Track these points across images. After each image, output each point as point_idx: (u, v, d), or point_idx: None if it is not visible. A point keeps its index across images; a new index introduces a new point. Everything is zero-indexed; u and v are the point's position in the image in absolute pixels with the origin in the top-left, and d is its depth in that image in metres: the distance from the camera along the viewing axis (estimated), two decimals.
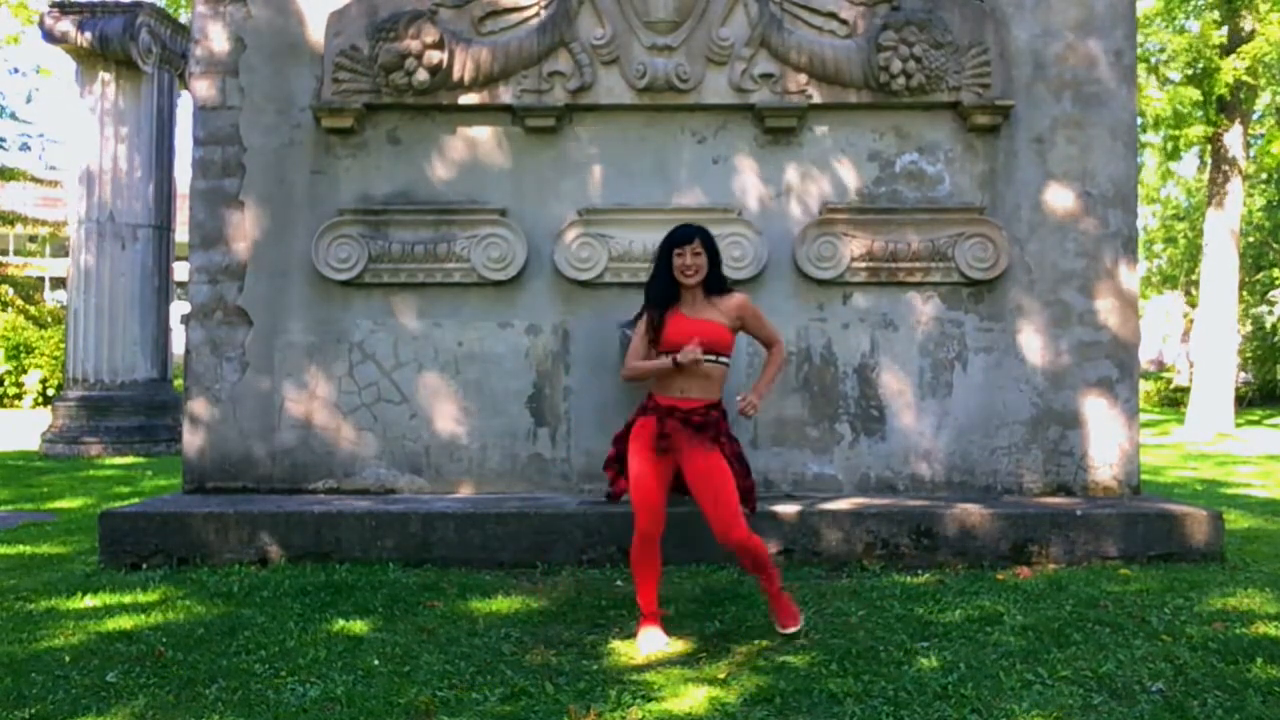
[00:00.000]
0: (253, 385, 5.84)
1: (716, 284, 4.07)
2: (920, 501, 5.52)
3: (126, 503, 6.76)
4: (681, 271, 3.95)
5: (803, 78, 5.78)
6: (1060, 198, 5.87)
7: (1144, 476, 6.63)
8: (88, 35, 10.80)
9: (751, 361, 5.81)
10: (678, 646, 3.80)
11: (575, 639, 3.90)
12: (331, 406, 5.84)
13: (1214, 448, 13.89)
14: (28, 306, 21.87)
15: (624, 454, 4.09)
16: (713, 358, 3.97)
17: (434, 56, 5.68)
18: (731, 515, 3.82)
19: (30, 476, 9.20)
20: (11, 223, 20.96)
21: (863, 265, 5.81)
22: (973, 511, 5.22)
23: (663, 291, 4.01)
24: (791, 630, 3.84)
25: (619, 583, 4.79)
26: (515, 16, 5.83)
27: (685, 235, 3.99)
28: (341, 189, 5.88)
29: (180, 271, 10.88)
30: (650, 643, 3.77)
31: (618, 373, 5.78)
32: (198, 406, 5.85)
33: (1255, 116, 18.71)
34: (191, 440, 5.87)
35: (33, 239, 28.18)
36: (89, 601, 4.45)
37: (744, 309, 4.14)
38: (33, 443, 12.00)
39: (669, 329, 3.96)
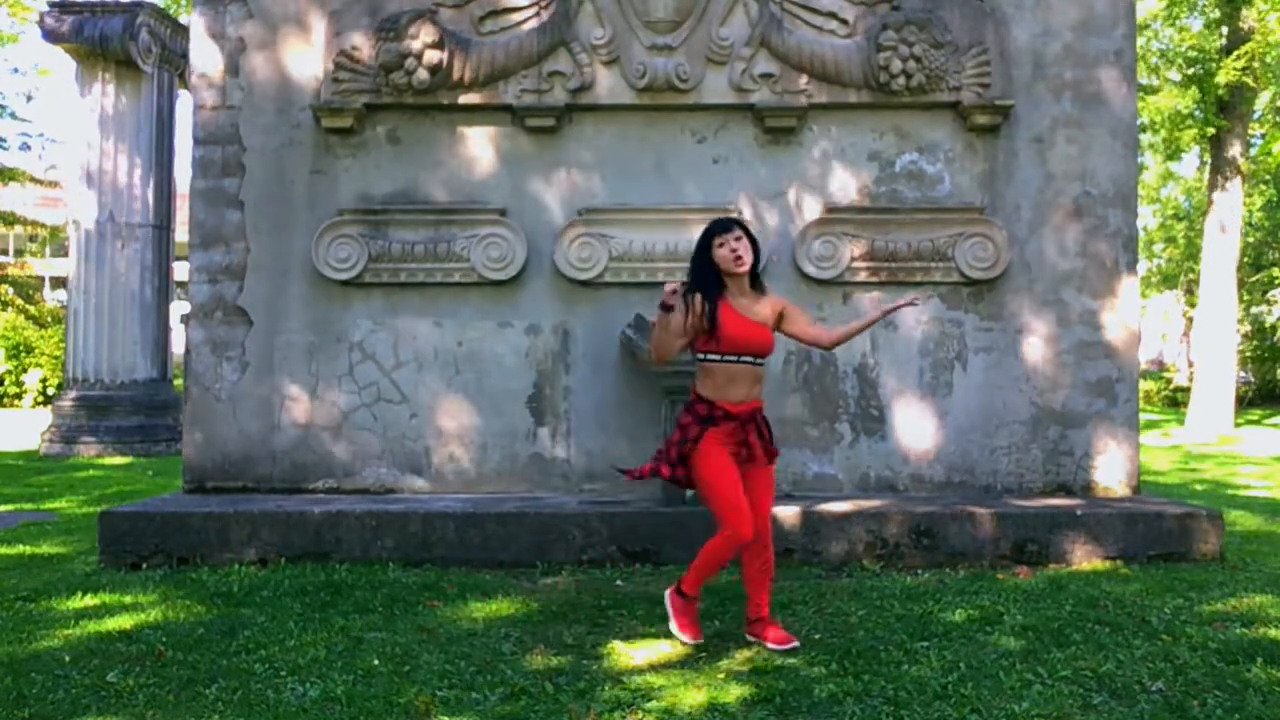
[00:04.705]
0: (253, 385, 5.84)
1: (757, 279, 3.96)
2: (920, 502, 5.52)
3: (126, 502, 6.75)
4: (733, 256, 3.78)
5: (803, 78, 5.78)
6: (1060, 198, 5.87)
7: (1144, 477, 6.63)
8: (87, 35, 10.79)
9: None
10: (678, 647, 3.80)
11: (575, 639, 3.89)
12: (331, 406, 5.84)
13: (1214, 448, 13.89)
14: (28, 306, 21.90)
15: (680, 456, 3.86)
16: (763, 361, 3.89)
17: (434, 56, 5.68)
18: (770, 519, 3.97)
19: (30, 476, 9.19)
20: (11, 223, 20.97)
21: (862, 265, 5.81)
22: (973, 511, 5.22)
23: (711, 282, 3.82)
24: (788, 646, 3.76)
25: (619, 582, 4.79)
26: (515, 16, 5.83)
27: (726, 224, 3.88)
28: (341, 189, 5.88)
29: (180, 271, 10.88)
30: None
31: (618, 372, 5.80)
32: (198, 406, 5.85)
33: (1255, 116, 18.69)
34: (191, 440, 5.87)
35: (33, 239, 28.23)
36: (89, 601, 4.44)
37: (782, 306, 4.00)
38: (32, 442, 12.00)
39: (727, 325, 3.79)
